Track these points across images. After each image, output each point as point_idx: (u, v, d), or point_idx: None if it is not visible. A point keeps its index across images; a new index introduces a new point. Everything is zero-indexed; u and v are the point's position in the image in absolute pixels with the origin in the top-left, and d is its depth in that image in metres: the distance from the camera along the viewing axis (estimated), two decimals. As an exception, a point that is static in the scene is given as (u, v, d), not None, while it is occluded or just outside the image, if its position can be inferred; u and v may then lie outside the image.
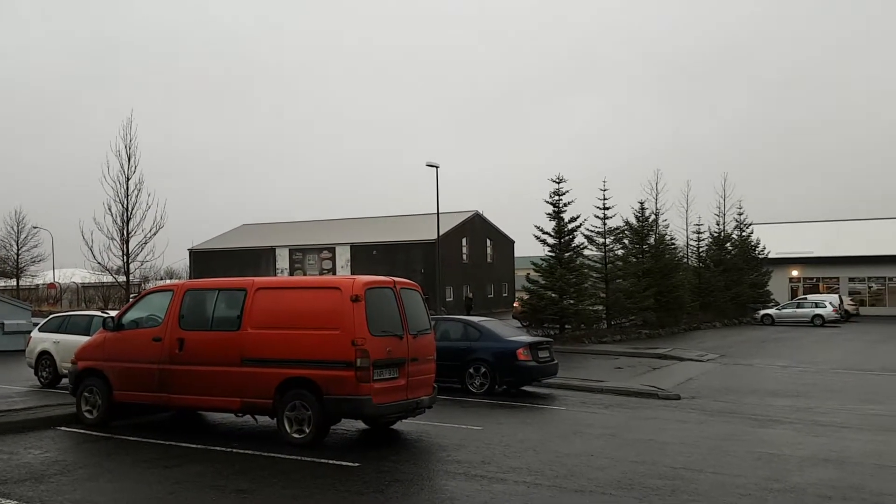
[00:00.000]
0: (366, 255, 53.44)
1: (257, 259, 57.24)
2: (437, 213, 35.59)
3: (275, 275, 53.81)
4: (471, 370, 15.36)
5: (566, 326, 29.66)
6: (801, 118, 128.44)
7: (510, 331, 17.21)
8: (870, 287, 54.05)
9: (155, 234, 23.08)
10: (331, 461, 9.00)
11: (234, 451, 9.58)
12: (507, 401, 14.54)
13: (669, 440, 10.78)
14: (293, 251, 57.32)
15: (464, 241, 56.07)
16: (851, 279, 54.22)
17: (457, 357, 15.35)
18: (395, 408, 10.07)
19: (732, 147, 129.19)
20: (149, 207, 22.87)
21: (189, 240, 62.34)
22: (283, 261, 57.44)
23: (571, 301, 29.34)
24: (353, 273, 48.45)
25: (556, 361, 16.21)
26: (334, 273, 53.11)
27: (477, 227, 58.52)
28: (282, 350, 9.88)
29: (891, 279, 52.92)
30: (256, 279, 10.85)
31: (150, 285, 41.37)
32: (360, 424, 11.06)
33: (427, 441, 10.43)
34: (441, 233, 42.01)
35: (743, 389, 16.80)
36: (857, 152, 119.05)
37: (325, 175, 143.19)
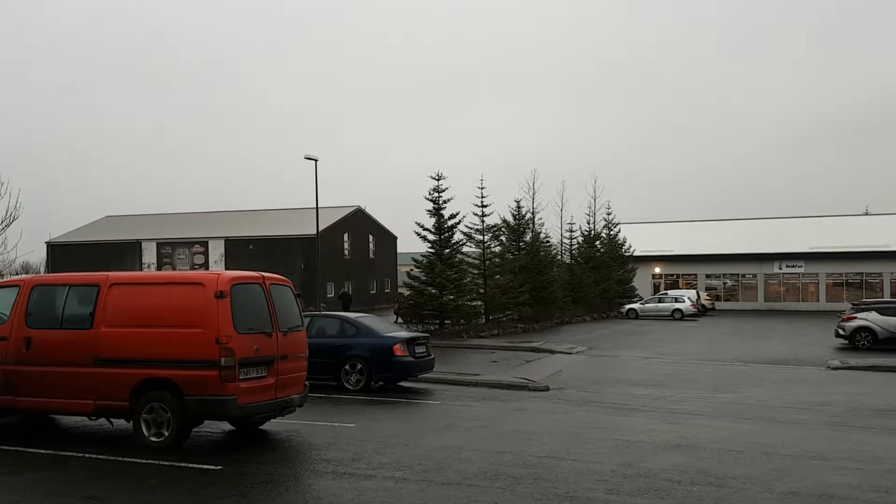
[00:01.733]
0: (241, 250, 51.69)
1: (122, 253, 53.98)
2: (317, 207, 34.96)
3: (140, 270, 51.00)
4: (346, 367, 15.21)
5: (446, 322, 30.03)
6: (682, 129, 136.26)
7: (388, 327, 17.19)
8: (724, 283, 58.36)
9: (7, 225, 21.21)
10: (192, 465, 8.63)
11: (88, 456, 9.02)
12: (382, 397, 14.52)
13: (536, 430, 11.14)
14: (161, 245, 54.48)
15: (346, 236, 55.49)
16: (708, 276, 58.35)
17: (332, 354, 15.17)
18: (263, 408, 9.79)
19: (612, 152, 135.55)
20: (0, 197, 20.98)
21: (47, 233, 57.85)
22: (149, 255, 54.46)
23: (451, 297, 29.73)
24: (227, 268, 46.73)
25: (432, 356, 16.35)
26: (207, 269, 51.02)
27: (359, 222, 58.09)
28: (139, 349, 9.38)
29: (743, 276, 57.39)
30: (111, 274, 10.22)
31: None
32: (226, 426, 10.68)
33: (297, 441, 10.22)
34: (322, 227, 41.33)
35: (607, 380, 17.65)
36: (722, 162, 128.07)
37: (208, 170, 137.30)
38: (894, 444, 10.46)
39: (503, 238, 36.23)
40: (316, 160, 33.56)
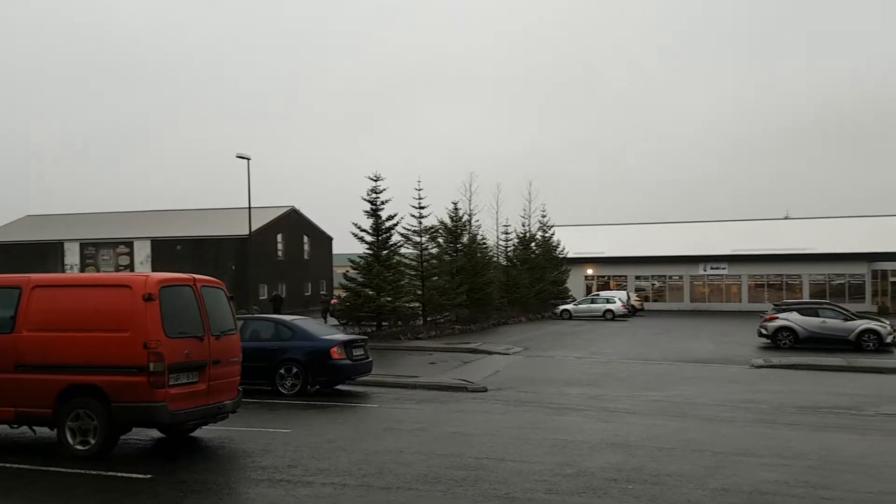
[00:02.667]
0: (169, 251, 50.10)
1: (44, 254, 51.57)
2: (249, 207, 34.27)
3: (63, 271, 48.84)
4: (282, 371, 14.89)
5: (384, 324, 29.85)
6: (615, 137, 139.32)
7: (324, 329, 16.94)
8: (653, 284, 60.08)
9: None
10: (120, 474, 8.29)
11: (9, 466, 8.60)
12: (319, 401, 14.28)
13: (475, 431, 11.15)
14: (84, 245, 52.31)
15: (279, 236, 54.51)
16: (638, 277, 59.93)
17: (267, 358, 14.82)
18: (195, 414, 9.47)
19: (549, 158, 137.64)
20: None
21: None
22: (72, 256, 52.21)
23: (389, 298, 29.56)
24: (154, 270, 45.22)
25: (370, 359, 16.18)
26: (132, 270, 49.25)
27: (293, 222, 57.17)
28: (63, 354, 8.95)
29: (670, 277, 59.19)
30: (33, 276, 9.72)
31: None
32: (156, 433, 10.29)
33: (230, 448, 9.93)
34: (254, 228, 40.52)
35: (543, 380, 17.86)
36: (648, 168, 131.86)
37: (137, 169, 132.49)
38: (818, 441, 10.91)
39: (441, 240, 36.33)
40: (248, 159, 32.92)
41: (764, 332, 26.65)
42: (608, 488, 7.96)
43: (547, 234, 51.75)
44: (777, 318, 26.44)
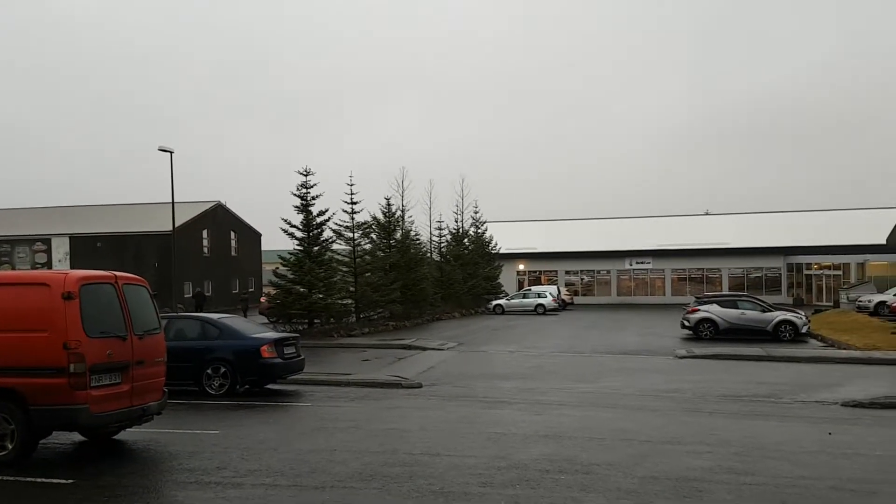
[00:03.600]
0: (89, 248, 48.09)
1: (-49, 251, 48.75)
2: (173, 202, 33.14)
3: (-26, 270, 46.18)
4: (209, 371, 14.49)
5: (315, 321, 29.46)
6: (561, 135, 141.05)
7: (254, 327, 16.56)
8: (582, 279, 61.42)
9: None
10: (40, 480, 7.94)
11: None
12: (249, 401, 13.97)
13: (410, 427, 11.12)
14: (-1, 242, 49.75)
15: (205, 232, 53.06)
16: (568, 272, 61.16)
17: (193, 357, 14.41)
18: (118, 416, 9.12)
19: (484, 155, 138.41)
20: None
21: None
22: (-15, 254, 49.56)
23: (321, 295, 29.20)
24: (73, 268, 43.30)
25: (302, 357, 15.93)
26: (50, 268, 47.04)
27: (220, 218, 55.75)
28: None
29: (598, 272, 60.64)
30: (-60, 274, 9.13)
31: None
32: (77, 437, 9.85)
33: (156, 450, 9.59)
34: (178, 224, 39.27)
35: (477, 374, 17.98)
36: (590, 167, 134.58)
37: (56, 164, 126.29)
38: (740, 428, 11.33)
39: (374, 236, 36.11)
40: (171, 152, 31.87)
41: (686, 323, 27.57)
42: (541, 479, 8.07)
43: (480, 230, 52.18)
44: (698, 310, 27.40)
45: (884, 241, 47.03)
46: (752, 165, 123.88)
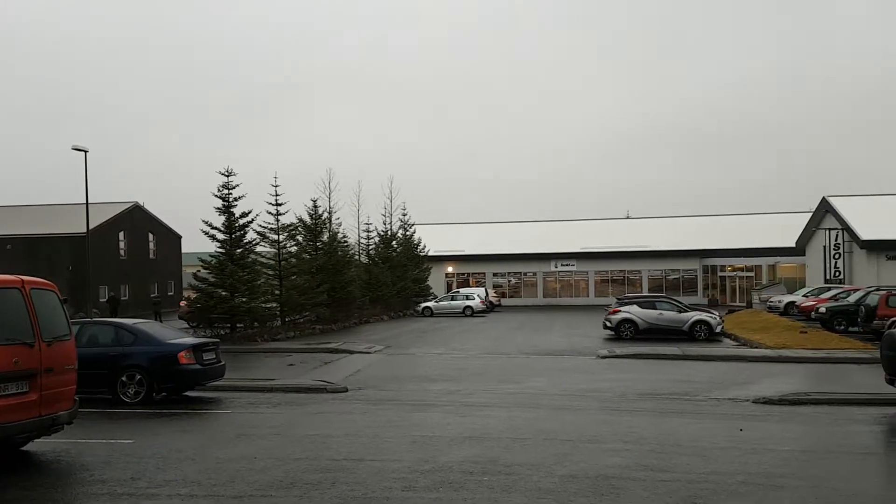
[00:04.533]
0: (-3, 250, 45.54)
1: None
2: (87, 203, 31.78)
3: None
4: (124, 378, 13.94)
5: (238, 325, 28.76)
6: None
7: (171, 333, 16.03)
8: (509, 281, 62.21)
9: None
10: (-69, 500, 7.39)
11: None
12: (166, 409, 13.50)
13: (334, 433, 10.99)
14: None
15: (121, 234, 51.06)
16: (495, 274, 61.86)
17: (107, 364, 13.85)
18: (25, 427, 8.69)
19: (417, 158, 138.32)
20: None
21: None
22: None
23: (244, 299, 28.51)
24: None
25: (223, 363, 15.53)
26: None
27: (137, 220, 53.77)
28: None
29: (525, 274, 61.55)
30: None
31: None
32: (-23, 451, 9.29)
33: (67, 461, 9.16)
34: (93, 225, 37.71)
35: (404, 377, 17.94)
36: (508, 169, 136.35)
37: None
38: (656, 426, 11.70)
39: (300, 238, 35.54)
40: (86, 151, 30.59)
41: (608, 324, 28.31)
42: (464, 481, 8.12)
43: (408, 233, 52.14)
44: (620, 311, 28.19)
45: (793, 244, 49.49)
46: (674, 172, 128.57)
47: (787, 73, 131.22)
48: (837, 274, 40.80)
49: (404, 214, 52.12)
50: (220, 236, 29.01)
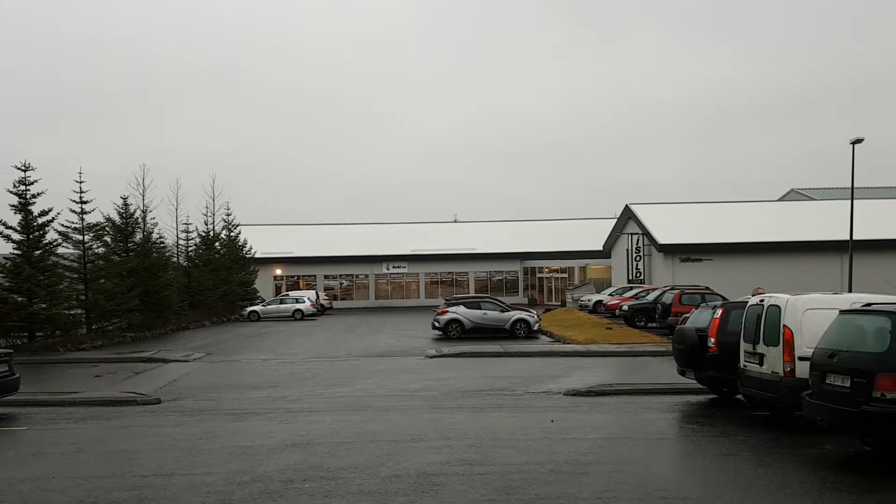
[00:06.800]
0: None
1: None
2: None
3: None
4: None
5: (38, 334, 26.10)
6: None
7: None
8: (341, 283, 61.76)
9: None
10: None
11: None
12: (-57, 430, 11.92)
13: (142, 448, 10.27)
14: None
15: None
16: (326, 276, 61.15)
17: None
18: None
19: (246, 158, 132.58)
20: None
21: None
22: None
23: (43, 305, 25.95)
24: None
25: (17, 376, 13.98)
26: None
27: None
28: None
29: (357, 276, 61.43)
30: None
31: None
32: None
33: None
34: None
35: (225, 385, 17.18)
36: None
37: None
38: (476, 421, 12.12)
39: (108, 238, 32.91)
40: None
41: (437, 324, 29.01)
42: (284, 490, 7.92)
43: (233, 234, 50.11)
44: (447, 311, 28.99)
45: (601, 248, 53.55)
46: (500, 180, 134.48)
47: (595, 101, 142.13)
48: (639, 275, 44.67)
49: (228, 214, 50.11)
50: (16, 236, 26.24)
